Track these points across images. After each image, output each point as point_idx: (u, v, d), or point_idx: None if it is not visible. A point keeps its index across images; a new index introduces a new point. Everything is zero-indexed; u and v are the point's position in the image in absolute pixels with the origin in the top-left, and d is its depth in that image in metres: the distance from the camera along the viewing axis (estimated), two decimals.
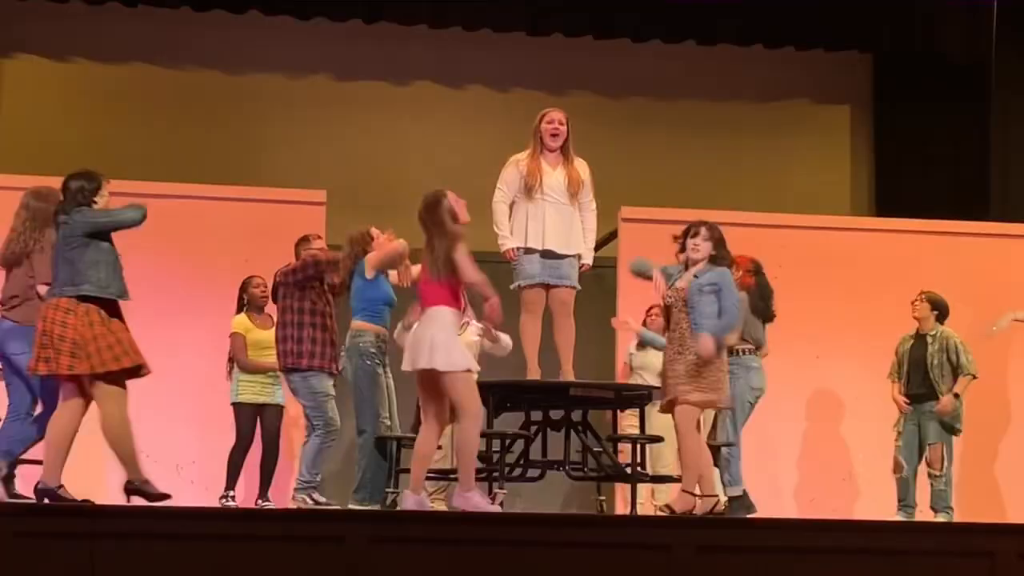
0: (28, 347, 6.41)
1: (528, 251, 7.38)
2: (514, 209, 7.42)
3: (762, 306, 8.28)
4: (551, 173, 7.40)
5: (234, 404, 8.29)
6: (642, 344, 9.07)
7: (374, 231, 7.67)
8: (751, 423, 8.57)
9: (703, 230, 7.09)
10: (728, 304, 6.85)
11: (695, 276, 6.98)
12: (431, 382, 6.32)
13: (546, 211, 7.36)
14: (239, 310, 8.38)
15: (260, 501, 8.16)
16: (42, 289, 6.60)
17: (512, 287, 7.44)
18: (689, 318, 6.85)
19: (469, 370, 6.34)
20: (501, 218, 7.42)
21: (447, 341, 6.28)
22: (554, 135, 7.43)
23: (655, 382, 8.68)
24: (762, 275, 8.40)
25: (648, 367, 8.91)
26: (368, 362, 7.45)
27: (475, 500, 6.25)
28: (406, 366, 6.43)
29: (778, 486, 9.37)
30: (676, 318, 6.91)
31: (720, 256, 7.04)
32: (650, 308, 9.00)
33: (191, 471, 8.85)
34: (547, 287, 7.42)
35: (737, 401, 8.07)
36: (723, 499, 7.44)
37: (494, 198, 7.42)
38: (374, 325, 7.50)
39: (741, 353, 8.16)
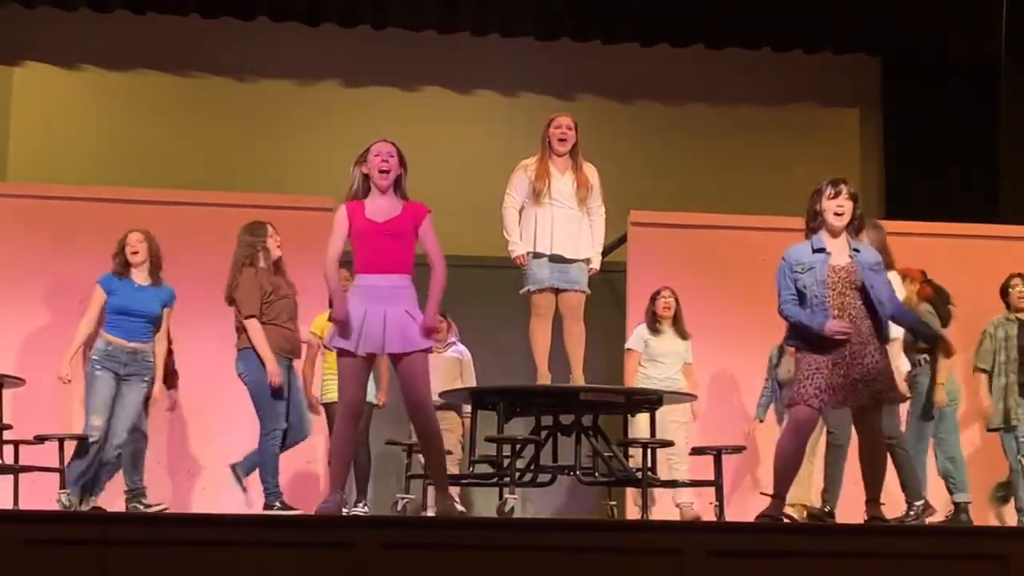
0: (249, 368, 7.45)
1: (537, 256, 7.38)
2: (523, 214, 7.42)
3: (945, 312, 8.20)
4: (559, 178, 7.40)
5: (324, 405, 8.43)
6: (656, 329, 8.81)
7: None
8: (764, 426, 8.58)
9: (845, 187, 6.30)
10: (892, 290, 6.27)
11: (855, 250, 6.28)
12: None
13: (554, 216, 7.36)
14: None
15: (359, 505, 8.25)
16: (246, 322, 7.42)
17: (521, 292, 7.44)
18: (862, 301, 6.16)
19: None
20: (511, 224, 7.43)
21: None
22: (562, 140, 7.42)
23: (674, 370, 8.62)
24: (932, 281, 8.34)
25: (668, 355, 8.68)
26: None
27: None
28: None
29: None
30: (840, 303, 6.19)
31: (859, 223, 6.27)
32: (659, 291, 8.86)
33: (202, 477, 8.86)
34: (556, 291, 7.42)
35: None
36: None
37: (503, 204, 7.42)
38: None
39: (924, 363, 8.10)
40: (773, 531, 6.00)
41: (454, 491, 8.97)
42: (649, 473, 7.34)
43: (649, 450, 7.41)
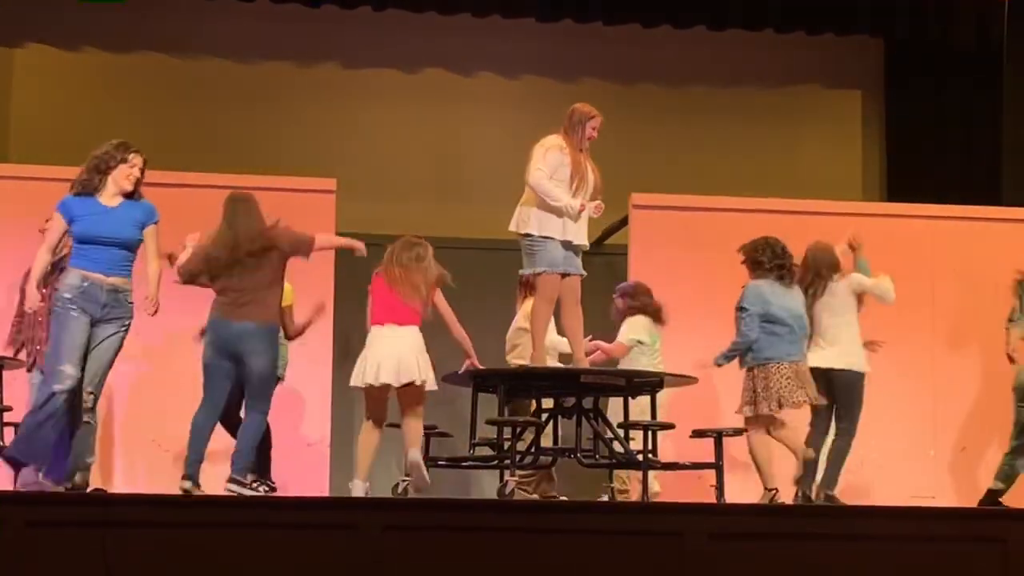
0: None
1: (551, 239, 7.37)
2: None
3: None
4: (587, 175, 7.43)
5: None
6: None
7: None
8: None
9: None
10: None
11: None
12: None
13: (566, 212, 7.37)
14: None
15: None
16: None
17: (530, 272, 7.43)
18: None
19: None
20: (551, 188, 7.29)
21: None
22: (591, 139, 7.47)
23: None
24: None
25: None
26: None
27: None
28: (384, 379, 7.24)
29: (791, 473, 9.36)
30: None
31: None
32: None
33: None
34: (563, 275, 7.42)
35: None
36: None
37: (536, 176, 7.29)
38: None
39: None
40: (773, 513, 6.01)
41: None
42: (650, 456, 7.35)
43: (650, 432, 7.42)
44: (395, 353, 7.28)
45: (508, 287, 8.53)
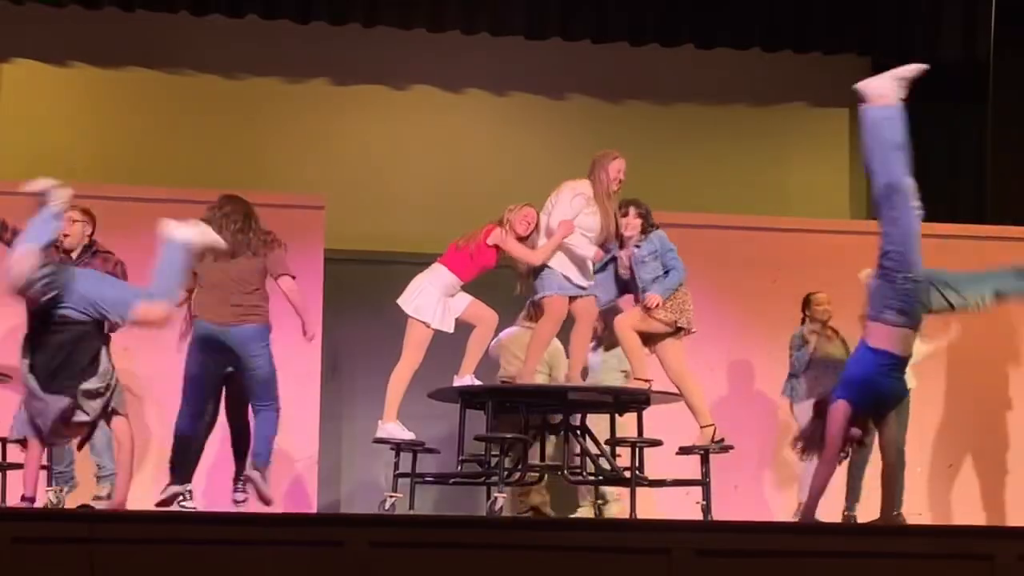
0: None
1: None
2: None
3: None
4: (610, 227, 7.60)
5: None
6: None
7: None
8: (750, 424, 8.57)
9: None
10: None
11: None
12: None
13: (588, 253, 7.57)
14: None
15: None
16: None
17: (540, 296, 7.49)
18: None
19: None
20: (551, 243, 7.50)
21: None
22: (621, 182, 7.62)
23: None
24: None
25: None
26: None
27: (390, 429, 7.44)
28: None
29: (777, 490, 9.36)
30: None
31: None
32: None
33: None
34: (571, 299, 7.52)
35: None
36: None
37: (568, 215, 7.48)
38: None
39: None
40: (761, 530, 6.01)
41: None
42: (637, 472, 7.36)
43: (637, 449, 7.43)
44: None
45: (495, 303, 8.53)
